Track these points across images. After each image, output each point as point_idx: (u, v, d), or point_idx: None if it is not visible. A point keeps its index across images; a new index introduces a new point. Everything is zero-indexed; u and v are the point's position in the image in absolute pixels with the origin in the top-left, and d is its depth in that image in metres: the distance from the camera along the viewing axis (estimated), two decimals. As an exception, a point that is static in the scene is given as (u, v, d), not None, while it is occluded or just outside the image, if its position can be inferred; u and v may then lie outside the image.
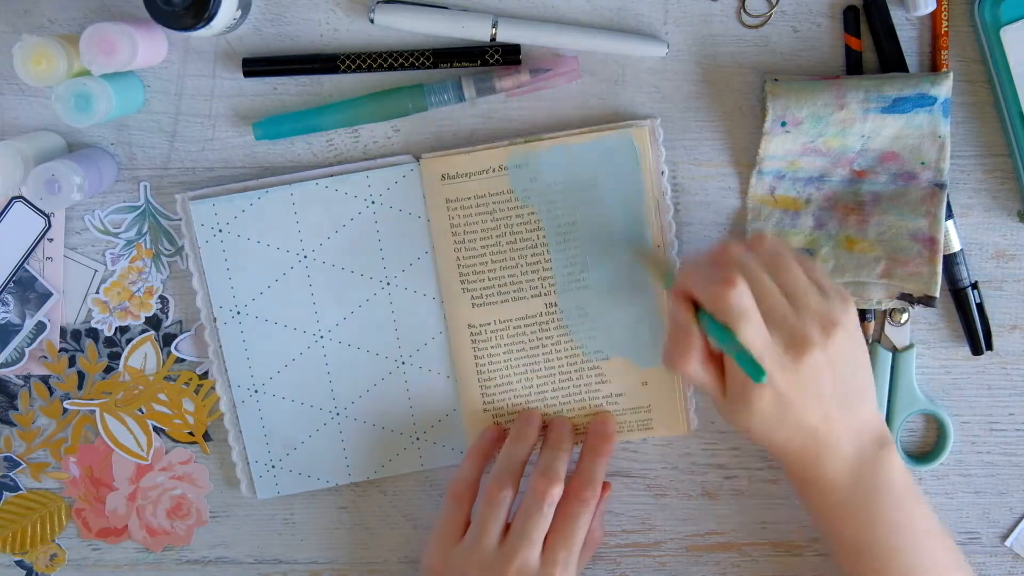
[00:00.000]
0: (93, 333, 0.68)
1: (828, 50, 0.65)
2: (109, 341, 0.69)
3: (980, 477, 0.70)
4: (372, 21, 0.64)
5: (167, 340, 0.69)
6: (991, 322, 0.67)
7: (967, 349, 0.68)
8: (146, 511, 0.70)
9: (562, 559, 0.62)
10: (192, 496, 0.70)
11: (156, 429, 0.70)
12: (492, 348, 0.67)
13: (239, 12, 0.62)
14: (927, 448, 0.70)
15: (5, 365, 0.68)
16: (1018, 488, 0.70)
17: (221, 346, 0.67)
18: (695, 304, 0.58)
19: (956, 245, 0.66)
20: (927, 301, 0.65)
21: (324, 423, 0.68)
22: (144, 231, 0.68)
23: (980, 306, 0.67)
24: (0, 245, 0.67)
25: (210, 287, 0.67)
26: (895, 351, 0.68)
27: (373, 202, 0.66)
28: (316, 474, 0.69)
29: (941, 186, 0.64)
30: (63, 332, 0.68)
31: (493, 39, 0.64)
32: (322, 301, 0.67)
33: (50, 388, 0.69)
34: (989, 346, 0.67)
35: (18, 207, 0.67)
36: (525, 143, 0.65)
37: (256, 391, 0.68)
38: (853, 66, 0.64)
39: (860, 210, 0.65)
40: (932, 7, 0.63)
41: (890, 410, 0.68)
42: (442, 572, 0.64)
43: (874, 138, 0.64)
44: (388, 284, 0.67)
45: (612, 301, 0.67)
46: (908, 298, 0.65)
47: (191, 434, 0.70)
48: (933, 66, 0.64)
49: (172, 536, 0.70)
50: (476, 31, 0.63)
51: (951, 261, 0.66)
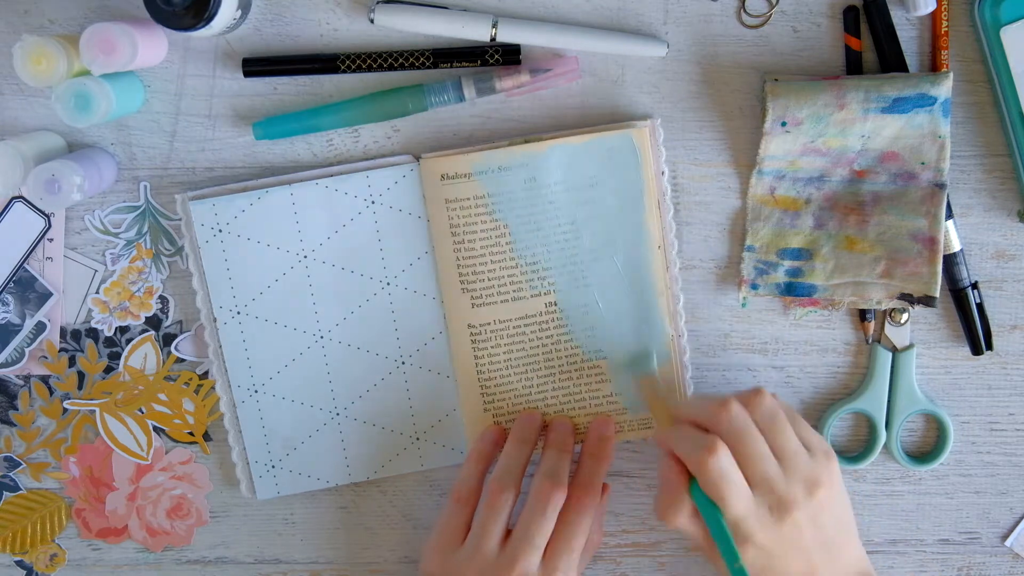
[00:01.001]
0: (93, 333, 0.68)
1: (828, 50, 0.65)
2: (109, 341, 0.69)
3: (980, 477, 0.70)
4: (372, 21, 0.64)
5: (167, 340, 0.69)
6: (991, 322, 0.67)
7: (967, 349, 0.68)
8: (146, 511, 0.70)
9: (563, 565, 0.62)
10: (192, 496, 0.70)
11: (156, 429, 0.70)
12: (492, 348, 0.67)
13: (239, 12, 0.62)
14: (927, 448, 0.70)
15: (5, 365, 0.68)
16: (1018, 488, 0.70)
17: (221, 346, 0.67)
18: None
19: (956, 245, 0.66)
20: (927, 301, 0.65)
21: (324, 423, 0.68)
22: (144, 231, 0.68)
23: (980, 306, 0.67)
24: (0, 245, 0.67)
25: (210, 287, 0.67)
26: (895, 351, 0.68)
27: (373, 202, 0.66)
28: (316, 474, 0.69)
29: (941, 186, 0.64)
30: (63, 332, 0.68)
31: (493, 39, 0.64)
32: (322, 301, 0.67)
33: (50, 388, 0.69)
34: (989, 346, 0.67)
35: (18, 207, 0.67)
36: (525, 143, 0.65)
37: (256, 391, 0.68)
38: (853, 66, 0.64)
39: (860, 210, 0.65)
40: (932, 7, 0.63)
41: (890, 410, 0.68)
42: (443, 571, 0.63)
43: (874, 138, 0.64)
44: (388, 284, 0.67)
45: (612, 300, 0.67)
46: (908, 298, 0.65)
47: (191, 434, 0.70)
48: (933, 66, 0.64)
49: (172, 536, 0.70)
50: (476, 31, 0.63)
51: (951, 261, 0.66)
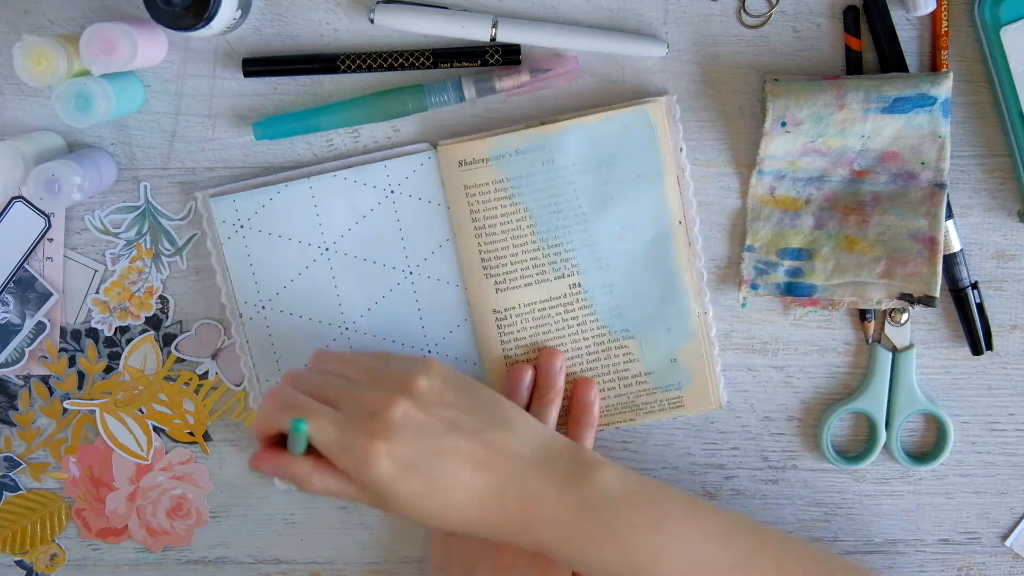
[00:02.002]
0: (93, 333, 0.68)
1: (828, 50, 0.65)
2: (109, 341, 0.69)
3: (980, 477, 0.70)
4: (372, 21, 0.64)
5: (167, 340, 0.69)
6: (991, 322, 0.67)
7: (967, 349, 0.68)
8: (146, 511, 0.70)
9: None
10: (192, 496, 0.70)
11: (156, 429, 0.70)
12: (518, 332, 0.67)
13: (239, 12, 0.62)
14: (927, 448, 0.70)
15: (5, 365, 0.68)
16: (1018, 488, 0.70)
17: (248, 342, 0.67)
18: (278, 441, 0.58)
19: (956, 245, 0.66)
20: (927, 301, 0.65)
21: None
22: (144, 231, 0.68)
23: (980, 306, 0.67)
24: (0, 245, 0.67)
25: (234, 283, 0.67)
26: (895, 351, 0.68)
27: (392, 191, 0.66)
28: None
29: (941, 186, 0.64)
30: (63, 332, 0.68)
31: (493, 39, 0.64)
32: (346, 293, 0.67)
33: (50, 388, 0.69)
34: (989, 346, 0.67)
35: (18, 207, 0.67)
36: (541, 125, 0.65)
37: None
38: (853, 66, 0.64)
39: (860, 210, 0.65)
40: (932, 7, 0.63)
41: (890, 410, 0.68)
42: (445, 553, 0.64)
43: (874, 138, 0.64)
44: (411, 273, 0.67)
45: (636, 278, 0.66)
46: (908, 298, 0.65)
47: (191, 434, 0.69)
48: (933, 66, 0.64)
49: (172, 536, 0.70)
50: (476, 31, 0.63)
51: (951, 261, 0.66)
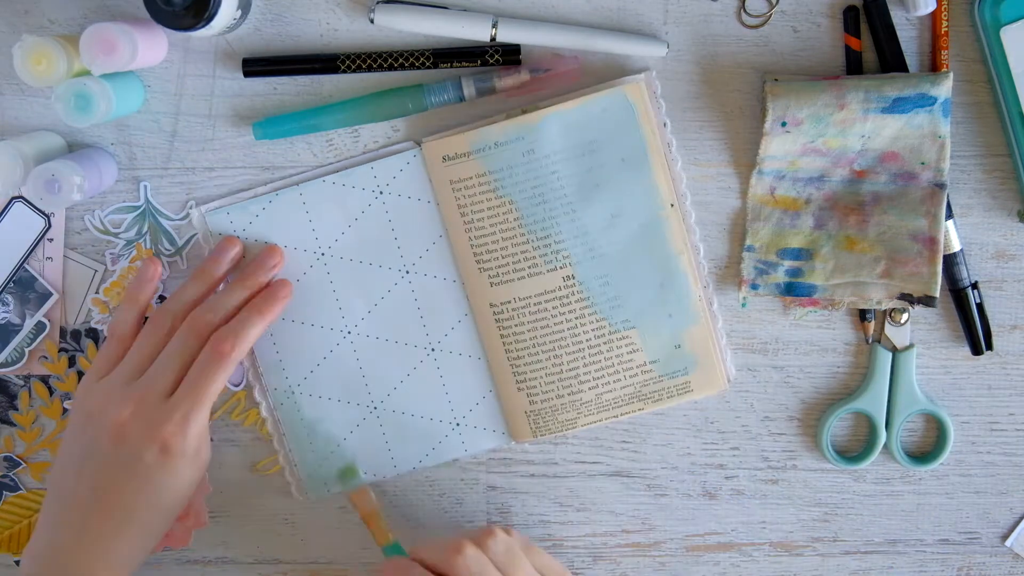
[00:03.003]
0: (93, 333, 0.68)
1: (828, 50, 0.65)
2: (109, 341, 0.69)
3: (980, 477, 0.70)
4: (372, 21, 0.64)
5: (167, 340, 0.69)
6: (991, 322, 0.67)
7: (967, 349, 0.68)
8: None
9: (183, 408, 0.60)
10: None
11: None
12: (516, 327, 0.67)
13: (239, 12, 0.62)
14: (927, 448, 0.70)
15: (5, 365, 0.68)
16: (1018, 488, 0.70)
17: (254, 352, 0.68)
18: None
19: (956, 245, 0.66)
20: (927, 301, 0.65)
21: (363, 418, 0.68)
22: (144, 231, 0.68)
23: (980, 306, 0.67)
24: (0, 245, 0.67)
25: None
26: (895, 351, 0.68)
27: (381, 192, 0.66)
28: (362, 470, 0.69)
29: (941, 186, 0.64)
30: (63, 332, 0.68)
31: (493, 39, 0.64)
32: (345, 297, 0.67)
33: (50, 388, 0.69)
34: (989, 346, 0.67)
35: (18, 207, 0.67)
36: (522, 113, 0.65)
37: (292, 393, 0.68)
38: (853, 66, 0.64)
39: (860, 210, 0.65)
40: (932, 7, 0.63)
41: (890, 410, 0.68)
42: (79, 401, 0.63)
43: (874, 138, 0.64)
44: (407, 272, 0.67)
45: (632, 267, 0.66)
46: (908, 298, 0.65)
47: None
48: (933, 66, 0.64)
49: (171, 538, 0.70)
50: (476, 31, 0.63)
51: (951, 261, 0.66)
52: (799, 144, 0.64)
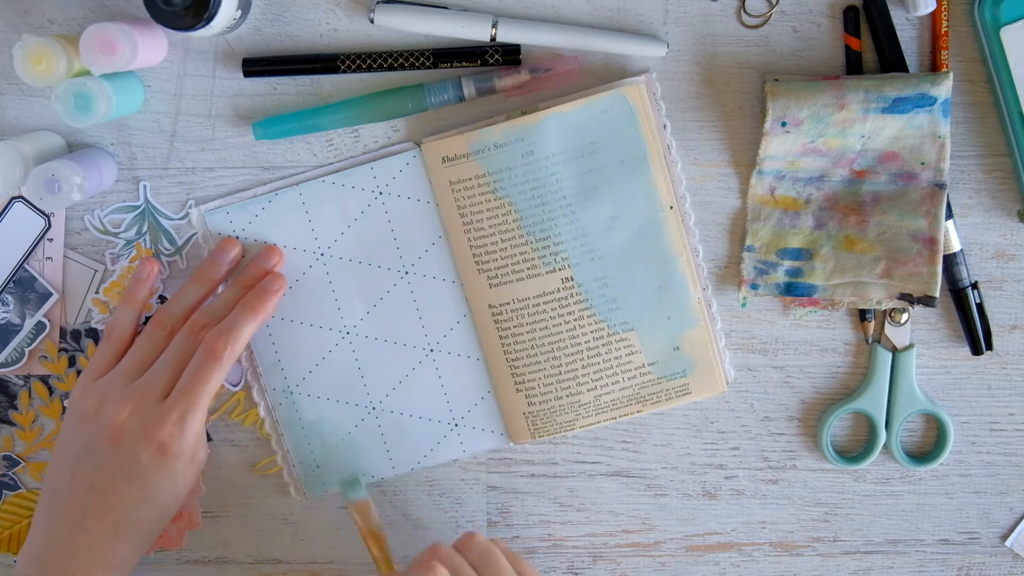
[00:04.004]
0: (93, 333, 0.68)
1: (828, 50, 0.65)
2: (109, 341, 0.69)
3: (980, 477, 0.70)
4: (372, 21, 0.64)
5: (167, 340, 0.69)
6: (991, 322, 0.67)
7: (967, 349, 0.68)
8: None
9: (179, 407, 0.61)
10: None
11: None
12: (515, 328, 0.67)
13: (239, 12, 0.62)
14: (927, 448, 0.70)
15: (5, 365, 0.68)
16: (1018, 488, 0.70)
17: (253, 352, 0.68)
18: None
19: (956, 245, 0.66)
20: (927, 301, 0.65)
21: (362, 419, 0.68)
22: (144, 231, 0.68)
23: (980, 306, 0.67)
24: (0, 245, 0.67)
25: None
26: (895, 351, 0.68)
27: (381, 192, 0.66)
28: (360, 470, 0.69)
29: (941, 186, 0.64)
30: (63, 332, 0.68)
31: (493, 39, 0.64)
32: (344, 297, 0.67)
33: (50, 388, 0.69)
34: (989, 346, 0.67)
35: (18, 207, 0.67)
36: (522, 115, 0.65)
37: (291, 393, 0.68)
38: (853, 66, 0.64)
39: (860, 210, 0.65)
40: (932, 7, 0.63)
41: (890, 410, 0.68)
42: (75, 401, 0.63)
43: (874, 138, 0.64)
44: (406, 273, 0.67)
45: (631, 269, 0.66)
46: (908, 298, 0.65)
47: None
48: (933, 66, 0.64)
49: (164, 539, 0.70)
50: (476, 31, 0.63)
51: (951, 261, 0.66)
52: (799, 144, 0.64)
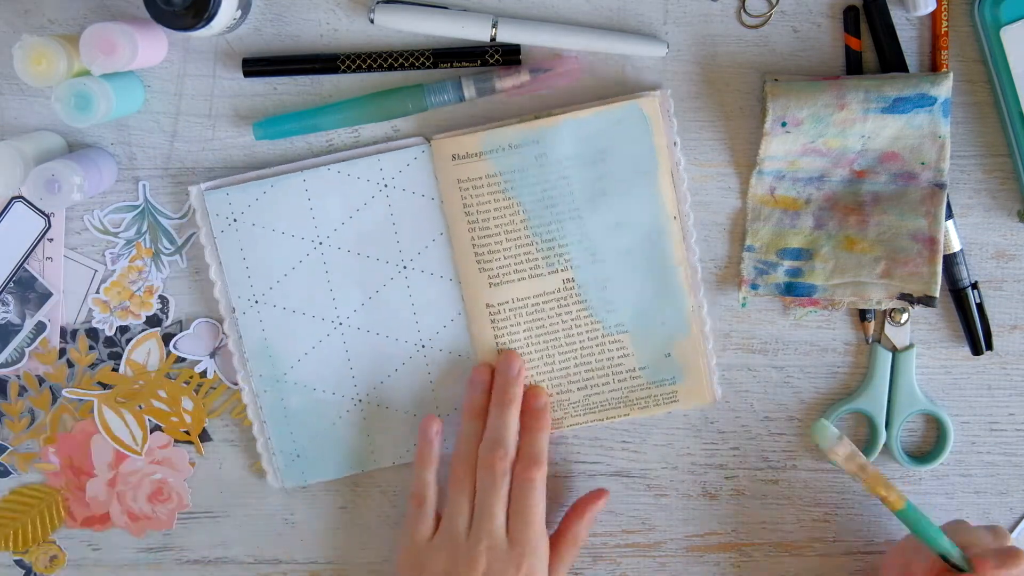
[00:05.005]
0: (93, 333, 0.68)
1: (828, 50, 0.65)
2: (109, 341, 0.69)
3: (980, 477, 0.70)
4: (372, 21, 0.64)
5: (167, 339, 0.69)
6: (991, 322, 0.67)
7: (967, 349, 0.68)
8: (127, 496, 0.70)
9: (526, 539, 0.63)
10: (172, 480, 0.70)
11: (153, 427, 0.69)
12: (512, 327, 0.67)
13: (239, 12, 0.62)
14: (927, 448, 0.70)
15: (5, 365, 0.68)
16: (1018, 488, 0.70)
17: (241, 336, 0.67)
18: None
19: (956, 245, 0.66)
20: (927, 301, 0.65)
21: (347, 410, 0.68)
22: (144, 230, 0.68)
23: (980, 306, 0.67)
24: (0, 245, 0.67)
25: (227, 277, 0.67)
26: (895, 351, 0.68)
27: (386, 185, 0.66)
28: (342, 461, 0.69)
29: (941, 186, 0.64)
30: (63, 332, 0.68)
31: (493, 39, 0.64)
32: (339, 287, 0.67)
33: (40, 378, 0.69)
34: (989, 346, 0.67)
35: (18, 207, 0.67)
36: (535, 119, 0.65)
37: (277, 381, 0.68)
38: (853, 66, 0.64)
39: (860, 210, 0.65)
40: (932, 7, 0.63)
41: (890, 410, 0.68)
42: (414, 570, 0.64)
43: (874, 138, 0.64)
44: (404, 268, 0.67)
45: (630, 273, 0.66)
46: (908, 298, 0.65)
47: (187, 433, 0.69)
48: (933, 66, 0.64)
49: (154, 521, 0.70)
50: (476, 31, 0.63)
51: (951, 261, 0.66)
52: (799, 144, 0.64)
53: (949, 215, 0.65)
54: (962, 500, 0.70)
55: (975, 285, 0.67)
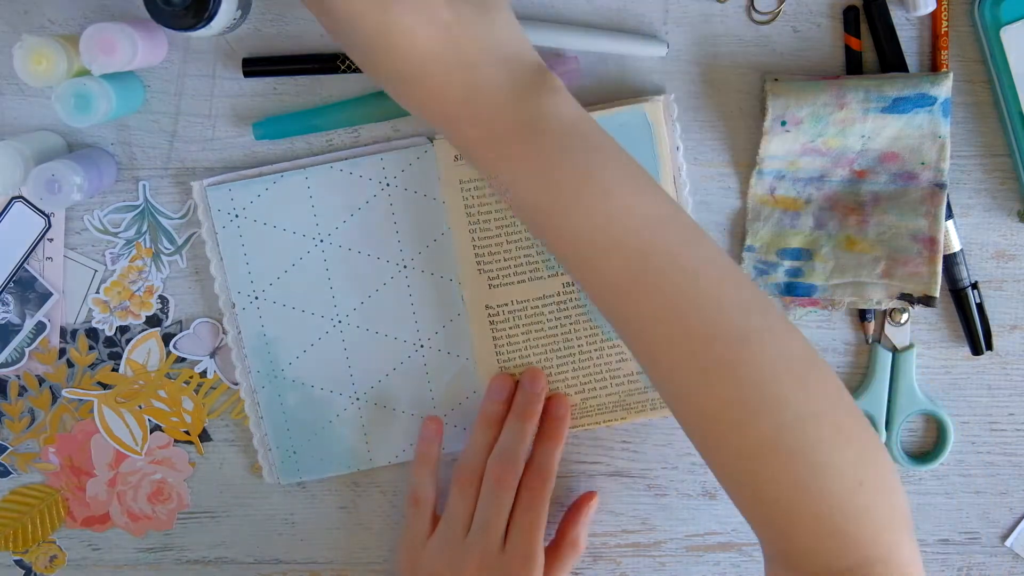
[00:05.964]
0: (93, 333, 0.68)
1: (828, 50, 0.65)
2: (109, 341, 0.69)
3: (980, 477, 0.70)
4: (372, 21, 0.64)
5: (167, 340, 0.69)
6: (991, 322, 0.67)
7: (967, 349, 0.68)
8: (127, 496, 0.70)
9: (522, 552, 0.63)
10: (172, 480, 0.70)
11: (153, 427, 0.69)
12: (511, 329, 0.67)
13: (239, 12, 0.62)
14: (927, 448, 0.70)
15: (5, 365, 0.68)
16: (1018, 488, 0.70)
17: (240, 332, 0.67)
18: None
19: (956, 245, 0.66)
20: (927, 301, 0.65)
21: (344, 408, 0.68)
22: (144, 230, 0.68)
23: (980, 306, 0.67)
24: (0, 245, 0.67)
25: (228, 273, 0.67)
26: (895, 351, 0.68)
27: (388, 184, 0.66)
28: (338, 459, 0.69)
29: (941, 186, 0.64)
30: (63, 332, 0.68)
31: (493, 39, 0.64)
32: (339, 285, 0.67)
33: (40, 378, 0.69)
34: (989, 346, 0.67)
35: (18, 207, 0.67)
36: None
37: (276, 377, 0.68)
38: (853, 66, 0.64)
39: (860, 210, 0.65)
40: (932, 7, 0.63)
41: (890, 410, 0.68)
42: (411, 569, 0.65)
43: (874, 138, 0.64)
44: (405, 267, 0.67)
45: None
46: (908, 298, 0.65)
47: (187, 433, 0.70)
48: (933, 66, 0.64)
49: (154, 521, 0.70)
50: (476, 31, 0.63)
51: (951, 261, 0.66)
52: (799, 144, 0.64)
53: (949, 215, 0.65)
54: (962, 500, 0.70)
55: (975, 285, 0.67)
